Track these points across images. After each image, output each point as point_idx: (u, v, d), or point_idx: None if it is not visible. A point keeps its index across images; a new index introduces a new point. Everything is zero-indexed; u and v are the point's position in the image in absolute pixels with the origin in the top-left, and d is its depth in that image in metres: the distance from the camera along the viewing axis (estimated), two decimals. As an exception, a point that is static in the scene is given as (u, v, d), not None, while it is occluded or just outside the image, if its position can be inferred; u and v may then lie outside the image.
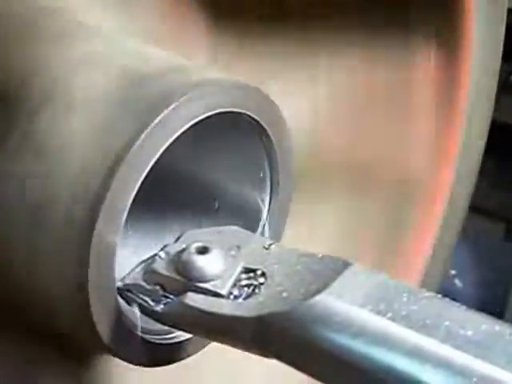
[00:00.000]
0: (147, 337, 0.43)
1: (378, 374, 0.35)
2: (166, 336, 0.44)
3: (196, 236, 0.42)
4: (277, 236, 0.49)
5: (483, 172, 0.73)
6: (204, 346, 0.46)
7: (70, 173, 0.38)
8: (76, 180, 0.38)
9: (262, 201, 0.48)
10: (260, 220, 0.49)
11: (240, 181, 0.48)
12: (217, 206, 0.49)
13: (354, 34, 0.60)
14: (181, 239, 0.42)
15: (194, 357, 0.46)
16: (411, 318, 0.35)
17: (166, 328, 0.43)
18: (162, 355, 0.45)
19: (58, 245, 0.39)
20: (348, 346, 0.36)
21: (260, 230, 0.48)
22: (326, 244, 0.65)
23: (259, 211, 0.48)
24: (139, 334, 0.42)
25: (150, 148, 0.38)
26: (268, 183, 0.48)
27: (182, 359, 0.46)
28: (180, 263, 0.39)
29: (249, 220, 0.48)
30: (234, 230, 0.43)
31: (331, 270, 0.38)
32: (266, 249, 0.42)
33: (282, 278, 0.39)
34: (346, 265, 0.38)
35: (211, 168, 0.48)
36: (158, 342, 0.43)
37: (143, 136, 0.37)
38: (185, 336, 0.45)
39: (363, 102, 0.63)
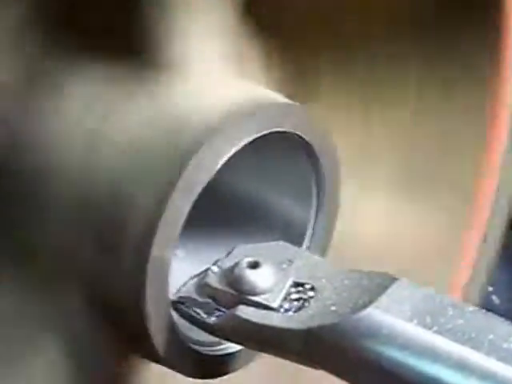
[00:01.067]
0: (199, 348, 0.45)
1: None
2: (217, 348, 0.46)
3: (246, 251, 0.43)
4: (322, 251, 0.51)
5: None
6: (253, 359, 0.48)
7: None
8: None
9: (308, 217, 0.50)
10: (305, 236, 0.50)
11: (287, 198, 0.49)
12: (263, 222, 0.50)
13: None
14: (231, 254, 0.43)
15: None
16: (456, 331, 0.37)
17: (216, 340, 0.45)
18: (213, 367, 0.46)
19: (116, 260, 0.40)
20: (395, 359, 0.37)
21: (305, 245, 0.50)
22: None
23: (305, 227, 0.50)
24: (192, 345, 0.44)
25: (208, 163, 0.40)
26: (314, 201, 0.50)
27: (233, 371, 0.47)
28: (232, 277, 0.41)
29: (294, 236, 0.50)
30: (282, 245, 0.45)
31: (378, 284, 0.40)
32: (314, 264, 0.43)
33: (331, 292, 0.41)
34: (392, 279, 0.40)
35: (258, 185, 0.50)
36: (209, 353, 0.45)
37: (201, 152, 0.39)
38: (235, 348, 0.46)
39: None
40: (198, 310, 0.42)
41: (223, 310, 0.41)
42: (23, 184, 0.42)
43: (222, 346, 0.46)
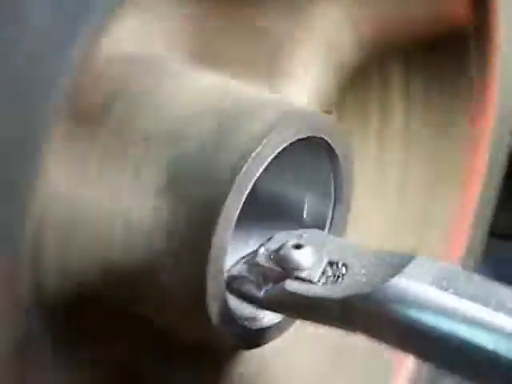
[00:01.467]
0: (244, 323, 0.52)
1: (444, 339, 0.45)
2: (256, 323, 0.54)
3: (286, 236, 0.51)
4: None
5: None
6: (284, 332, 0.56)
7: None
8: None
9: (327, 212, 0.58)
10: (325, 227, 0.58)
11: (309, 195, 0.58)
12: (288, 213, 0.58)
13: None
14: (273, 239, 0.51)
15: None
16: (468, 293, 0.45)
17: (255, 316, 0.53)
18: (254, 338, 0.54)
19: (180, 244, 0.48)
20: (419, 318, 0.45)
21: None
22: None
23: (324, 220, 0.58)
24: (240, 319, 0.52)
25: (258, 161, 0.48)
26: (332, 197, 0.58)
27: (269, 342, 0.55)
28: (279, 257, 0.49)
29: (316, 226, 0.58)
30: (315, 231, 0.53)
31: (400, 259, 0.48)
32: (344, 246, 0.51)
33: (360, 268, 0.49)
34: (412, 256, 0.48)
35: (284, 183, 0.58)
36: (251, 327, 0.53)
37: (254, 153, 0.47)
38: (270, 323, 0.54)
39: None
40: (249, 287, 0.50)
41: (271, 285, 0.49)
42: None
43: (260, 322, 0.54)
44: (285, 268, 0.49)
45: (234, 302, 0.51)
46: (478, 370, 0.44)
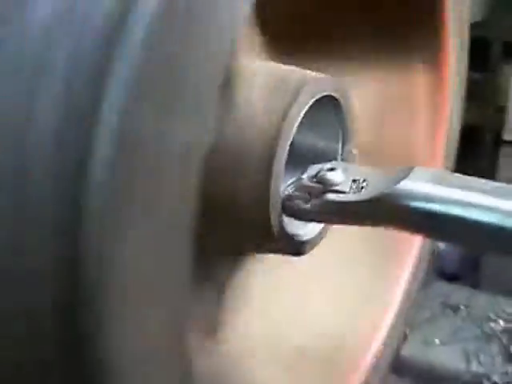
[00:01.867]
0: (293, 236, 0.71)
1: (449, 223, 0.64)
2: (299, 238, 0.72)
3: (319, 166, 0.70)
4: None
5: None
6: (318, 243, 0.75)
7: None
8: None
9: (337, 150, 0.77)
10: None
11: (324, 140, 0.77)
12: (306, 154, 0.77)
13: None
14: (311, 168, 0.70)
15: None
16: (463, 185, 0.64)
17: (298, 232, 0.72)
18: (300, 248, 0.73)
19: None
20: (428, 209, 0.64)
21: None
22: None
23: (336, 157, 0.77)
24: (289, 232, 0.70)
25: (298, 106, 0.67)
26: (341, 140, 0.77)
27: (309, 251, 0.74)
28: (319, 177, 0.68)
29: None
30: (337, 162, 0.72)
31: (404, 170, 0.67)
32: (360, 169, 0.70)
33: (376, 180, 0.68)
34: (412, 167, 0.67)
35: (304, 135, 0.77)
36: (298, 239, 0.72)
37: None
38: (309, 237, 0.73)
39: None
40: (297, 202, 0.68)
41: (314, 199, 0.68)
42: None
43: (302, 237, 0.72)
44: (324, 185, 0.67)
45: (286, 221, 0.70)
46: (479, 241, 0.63)
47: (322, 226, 0.75)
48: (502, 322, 1.42)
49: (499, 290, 1.52)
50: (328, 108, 0.75)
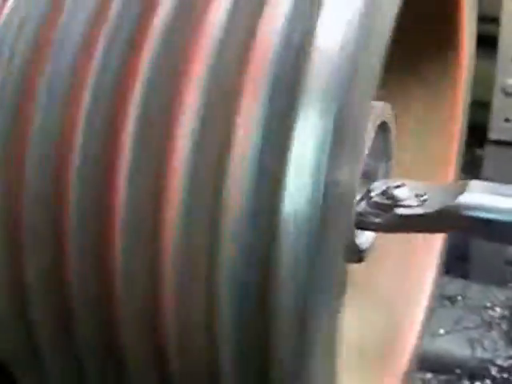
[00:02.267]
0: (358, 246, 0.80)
1: (506, 229, 0.73)
2: (361, 247, 0.81)
3: (383, 183, 0.79)
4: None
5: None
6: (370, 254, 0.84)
7: None
8: None
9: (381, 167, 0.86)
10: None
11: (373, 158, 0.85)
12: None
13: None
14: (374, 186, 0.78)
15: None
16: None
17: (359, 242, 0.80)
18: (360, 256, 0.81)
19: None
20: (487, 217, 0.73)
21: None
22: None
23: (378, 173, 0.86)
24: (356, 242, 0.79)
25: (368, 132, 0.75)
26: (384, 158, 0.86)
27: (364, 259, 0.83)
28: (387, 194, 0.76)
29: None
30: (396, 179, 0.81)
31: (462, 185, 0.76)
32: (420, 184, 0.79)
33: (436, 194, 0.77)
34: (468, 181, 0.76)
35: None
36: (360, 248, 0.80)
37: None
38: (366, 245, 0.82)
39: None
40: (368, 216, 0.77)
41: (384, 214, 0.76)
42: None
43: (361, 246, 0.81)
44: (393, 200, 0.76)
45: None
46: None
47: (375, 235, 0.84)
48: (498, 310, 1.53)
49: (489, 280, 1.62)
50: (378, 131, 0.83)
